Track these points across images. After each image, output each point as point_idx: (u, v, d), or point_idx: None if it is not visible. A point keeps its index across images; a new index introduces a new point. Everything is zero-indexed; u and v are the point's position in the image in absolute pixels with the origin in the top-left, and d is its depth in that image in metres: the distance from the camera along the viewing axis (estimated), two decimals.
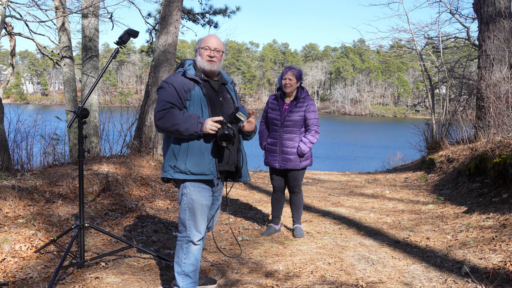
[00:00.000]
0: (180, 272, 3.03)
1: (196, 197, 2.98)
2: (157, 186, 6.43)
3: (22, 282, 3.25)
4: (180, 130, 2.84)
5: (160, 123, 2.87)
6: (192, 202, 2.98)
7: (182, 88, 2.93)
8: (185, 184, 2.98)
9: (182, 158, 2.92)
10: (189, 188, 2.98)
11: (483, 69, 8.59)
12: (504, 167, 5.37)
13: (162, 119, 2.86)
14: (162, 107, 2.88)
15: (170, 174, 2.97)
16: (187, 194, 2.98)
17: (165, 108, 2.87)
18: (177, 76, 3.00)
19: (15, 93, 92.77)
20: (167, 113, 2.85)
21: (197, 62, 3.07)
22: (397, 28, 31.31)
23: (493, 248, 3.93)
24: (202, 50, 3.03)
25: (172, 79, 2.98)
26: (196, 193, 2.98)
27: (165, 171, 3.00)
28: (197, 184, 2.98)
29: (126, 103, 36.24)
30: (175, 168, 2.94)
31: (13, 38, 12.04)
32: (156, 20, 13.33)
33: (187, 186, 2.98)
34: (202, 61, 3.03)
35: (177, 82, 2.95)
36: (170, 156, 2.98)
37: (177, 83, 2.94)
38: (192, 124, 2.83)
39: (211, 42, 3.04)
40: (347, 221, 5.43)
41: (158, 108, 2.89)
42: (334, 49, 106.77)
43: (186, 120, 2.83)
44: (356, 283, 3.45)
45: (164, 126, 2.86)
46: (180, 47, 75.27)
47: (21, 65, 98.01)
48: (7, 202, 4.25)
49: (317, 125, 4.60)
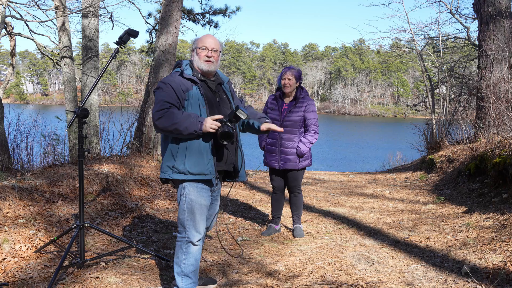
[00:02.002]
0: (180, 272, 3.02)
1: (195, 197, 2.97)
2: (157, 186, 6.42)
3: (22, 282, 3.25)
4: (179, 129, 2.82)
5: (159, 122, 2.84)
6: (191, 202, 2.97)
7: (180, 88, 2.91)
8: (184, 185, 2.97)
9: (180, 158, 2.91)
10: (188, 189, 2.97)
11: (483, 69, 8.59)
12: (504, 167, 5.37)
13: (161, 119, 2.83)
14: (160, 107, 2.86)
15: (169, 174, 2.96)
16: (186, 195, 2.97)
17: (164, 108, 2.85)
18: (175, 76, 2.98)
19: (15, 93, 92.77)
20: (166, 112, 2.83)
21: (194, 62, 3.05)
22: (397, 28, 31.35)
23: (493, 248, 3.93)
24: (199, 50, 3.02)
25: (170, 79, 2.96)
26: (195, 193, 2.97)
27: (164, 172, 2.99)
28: (195, 184, 2.97)
29: (126, 103, 36.21)
30: (173, 168, 2.93)
31: (13, 38, 12.04)
32: (156, 20, 13.33)
33: (185, 187, 2.97)
34: (200, 61, 3.02)
35: (175, 82, 2.93)
36: (168, 156, 2.97)
37: (174, 83, 2.92)
38: (192, 123, 2.82)
39: (208, 42, 3.02)
40: (347, 221, 5.43)
41: (157, 108, 2.87)
42: (334, 49, 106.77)
43: (185, 119, 2.82)
44: (356, 283, 3.45)
45: (163, 125, 2.84)
46: (180, 47, 75.19)
47: (21, 65, 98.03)
48: (7, 202, 4.25)
49: (317, 125, 4.60)
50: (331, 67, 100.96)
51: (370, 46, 38.45)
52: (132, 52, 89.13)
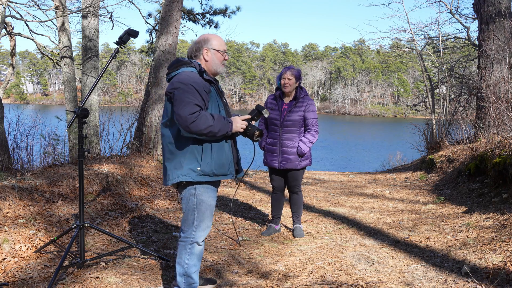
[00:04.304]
0: (182, 273, 3.01)
1: (205, 198, 2.95)
2: (157, 186, 6.42)
3: (22, 282, 3.25)
4: (214, 132, 2.77)
5: (194, 126, 2.72)
6: (202, 203, 2.94)
7: (203, 89, 2.83)
8: (195, 186, 2.92)
9: (206, 159, 2.85)
10: (199, 189, 2.93)
11: (483, 69, 8.59)
12: (504, 167, 5.37)
13: (195, 122, 2.72)
14: (192, 109, 2.74)
15: (191, 177, 2.87)
16: (197, 195, 2.93)
17: (196, 111, 2.75)
18: (194, 77, 2.86)
19: (15, 93, 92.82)
20: (199, 115, 2.74)
21: (211, 63, 2.99)
22: (397, 28, 31.39)
23: (493, 248, 3.93)
24: (219, 53, 3.00)
25: (191, 80, 2.81)
26: (205, 194, 2.95)
27: (185, 175, 2.87)
28: (207, 184, 2.95)
29: (126, 103, 36.27)
30: (198, 170, 2.85)
31: (13, 38, 12.04)
32: (156, 20, 13.33)
33: (197, 188, 2.92)
34: (219, 64, 3.01)
35: (197, 83, 2.82)
36: (191, 159, 2.86)
37: (197, 84, 2.81)
38: (224, 125, 2.81)
39: (224, 45, 3.03)
40: (347, 221, 5.43)
41: (188, 111, 2.72)
42: (334, 49, 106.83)
43: (218, 121, 2.79)
44: (356, 283, 3.45)
45: (199, 129, 2.73)
46: (180, 47, 75.15)
47: (21, 65, 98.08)
48: (7, 202, 4.25)
49: (317, 124, 4.60)
50: (331, 67, 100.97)
51: (370, 46, 38.57)
52: (132, 52, 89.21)
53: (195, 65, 2.93)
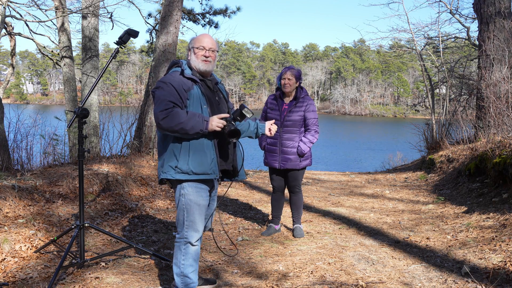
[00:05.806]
0: (179, 273, 3.01)
1: (194, 197, 2.95)
2: (157, 186, 6.42)
3: (22, 282, 3.25)
4: (185, 129, 2.78)
5: (164, 122, 2.78)
6: (190, 202, 2.95)
7: (182, 87, 2.87)
8: (183, 185, 2.94)
9: (184, 158, 2.87)
10: (187, 189, 2.94)
11: (483, 69, 8.59)
12: (504, 167, 5.37)
13: (166, 119, 2.78)
14: (164, 106, 2.81)
15: (171, 175, 2.91)
16: (185, 195, 2.95)
17: (168, 108, 2.80)
18: (175, 76, 2.94)
19: (15, 93, 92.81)
20: (171, 112, 2.78)
21: (191, 62, 3.03)
22: (397, 28, 31.40)
23: (493, 248, 3.93)
24: (196, 50, 3.00)
25: (170, 79, 2.91)
26: (194, 193, 2.95)
27: (165, 172, 2.94)
28: (195, 184, 2.95)
29: (126, 103, 36.24)
30: (176, 168, 2.88)
31: (13, 38, 12.04)
32: (156, 20, 13.34)
33: (184, 187, 2.94)
34: (198, 61, 3.00)
35: (176, 81, 2.89)
36: (170, 156, 2.92)
37: (175, 82, 2.88)
38: (198, 122, 2.80)
39: (206, 42, 3.01)
40: (347, 221, 5.43)
41: (161, 108, 2.81)
42: (334, 49, 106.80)
43: (190, 118, 2.79)
44: (356, 283, 3.45)
45: (169, 125, 2.78)
46: (180, 47, 75.08)
47: (21, 65, 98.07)
48: (7, 202, 4.25)
49: (317, 124, 4.60)
50: (331, 67, 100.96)
51: (370, 46, 38.56)
52: (132, 52, 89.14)
53: (181, 65, 3.02)
